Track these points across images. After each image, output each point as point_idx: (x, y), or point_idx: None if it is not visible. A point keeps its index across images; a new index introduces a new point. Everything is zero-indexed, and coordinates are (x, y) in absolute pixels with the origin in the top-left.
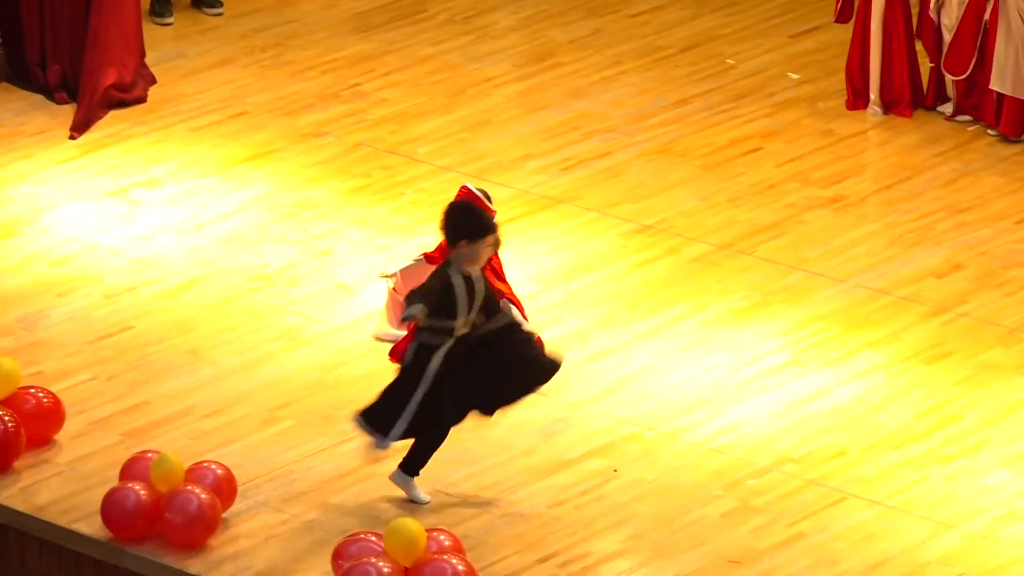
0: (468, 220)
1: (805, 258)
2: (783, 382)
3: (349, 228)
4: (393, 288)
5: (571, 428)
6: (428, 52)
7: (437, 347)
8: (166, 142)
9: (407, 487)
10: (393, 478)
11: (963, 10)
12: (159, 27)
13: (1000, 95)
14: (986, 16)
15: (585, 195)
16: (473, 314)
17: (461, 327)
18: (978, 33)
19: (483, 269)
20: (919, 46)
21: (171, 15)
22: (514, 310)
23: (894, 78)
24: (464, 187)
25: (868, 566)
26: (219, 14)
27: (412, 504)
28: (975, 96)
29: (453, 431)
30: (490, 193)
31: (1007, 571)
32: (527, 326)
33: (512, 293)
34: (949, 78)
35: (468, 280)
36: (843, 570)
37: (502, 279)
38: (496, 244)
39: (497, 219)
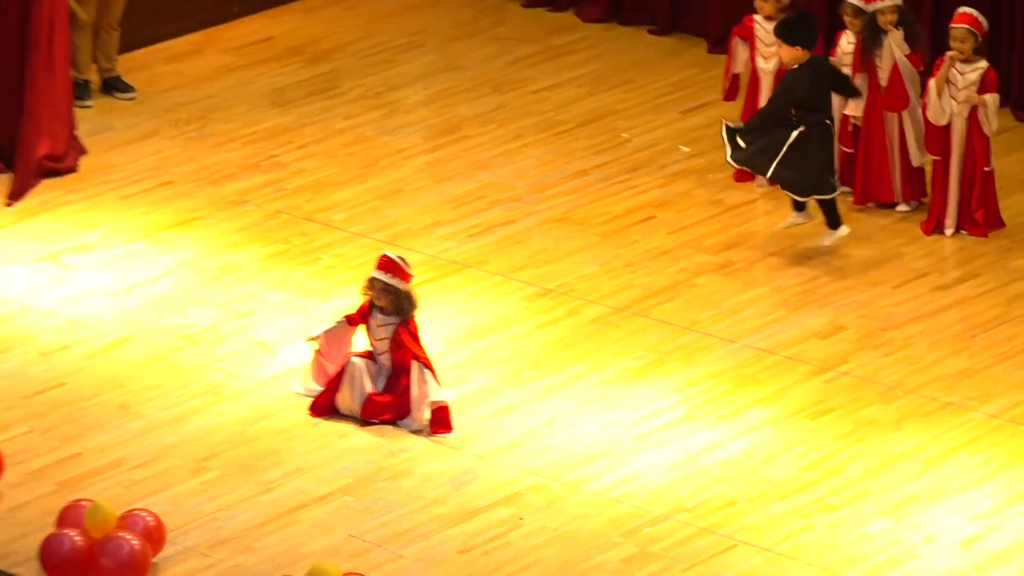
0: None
1: (697, 320)
2: (677, 436)
3: (269, 291)
4: (318, 350)
5: (479, 479)
6: (342, 125)
7: None
8: (97, 209)
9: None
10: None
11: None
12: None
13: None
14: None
15: (491, 260)
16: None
17: None
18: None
19: None
20: None
21: (90, 98)
22: None
23: None
24: (384, 255)
25: None
26: (132, 98)
27: (329, 551)
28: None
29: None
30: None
31: None
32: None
33: (425, 355)
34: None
35: None
36: None
37: (417, 342)
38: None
39: (412, 283)
